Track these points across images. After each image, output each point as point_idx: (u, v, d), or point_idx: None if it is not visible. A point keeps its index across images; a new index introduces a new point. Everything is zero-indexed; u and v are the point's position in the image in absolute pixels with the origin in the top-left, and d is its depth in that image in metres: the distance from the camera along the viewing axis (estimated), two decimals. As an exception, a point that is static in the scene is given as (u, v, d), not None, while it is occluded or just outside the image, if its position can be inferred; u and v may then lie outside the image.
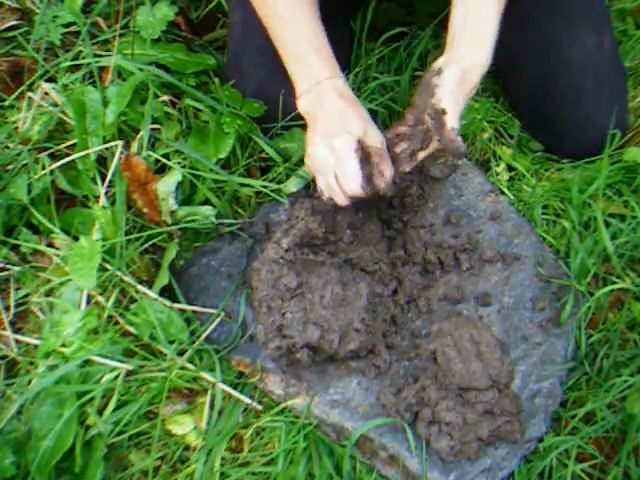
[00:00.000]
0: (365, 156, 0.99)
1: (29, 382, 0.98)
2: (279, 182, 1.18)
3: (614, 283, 1.10)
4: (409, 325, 1.08)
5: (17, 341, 1.03)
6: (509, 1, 1.21)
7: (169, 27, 1.28)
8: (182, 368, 1.00)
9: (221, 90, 1.17)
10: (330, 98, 1.02)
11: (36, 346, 1.01)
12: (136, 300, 1.04)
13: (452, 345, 1.02)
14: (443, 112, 0.96)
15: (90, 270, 0.98)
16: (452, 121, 0.96)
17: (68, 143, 1.13)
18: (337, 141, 0.98)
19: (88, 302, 1.02)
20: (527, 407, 1.01)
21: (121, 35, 1.24)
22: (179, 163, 1.13)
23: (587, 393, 1.04)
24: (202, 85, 1.26)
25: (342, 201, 1.01)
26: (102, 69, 1.19)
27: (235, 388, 1.03)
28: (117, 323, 1.03)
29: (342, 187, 0.99)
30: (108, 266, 1.03)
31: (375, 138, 1.01)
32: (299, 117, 1.16)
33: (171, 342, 1.02)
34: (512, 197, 1.24)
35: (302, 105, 1.05)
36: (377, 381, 1.02)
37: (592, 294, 1.09)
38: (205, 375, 1.02)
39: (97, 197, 1.08)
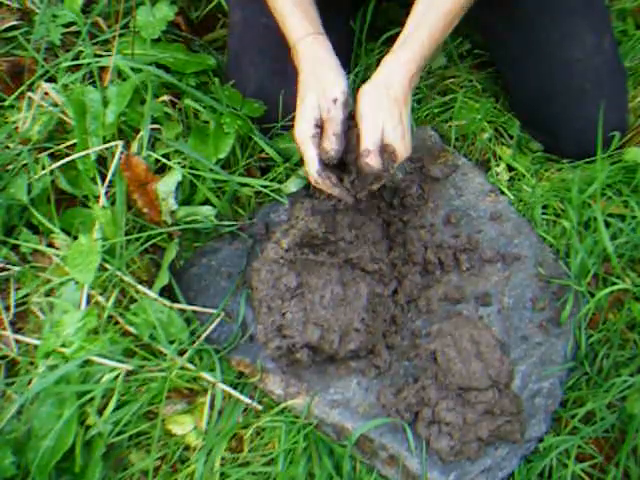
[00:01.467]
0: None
1: (29, 382, 0.97)
2: (279, 182, 1.18)
3: (614, 283, 1.10)
4: (409, 325, 1.08)
5: (17, 341, 1.03)
6: (509, 1, 1.22)
7: (169, 27, 1.28)
8: (182, 368, 1.00)
9: (221, 90, 1.17)
10: (302, 62, 1.03)
11: (36, 346, 1.01)
12: (136, 300, 1.04)
13: (452, 345, 1.02)
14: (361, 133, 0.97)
15: (88, 266, 0.98)
16: (366, 143, 0.96)
17: (68, 143, 1.13)
18: (296, 131, 0.99)
19: (88, 302, 1.02)
20: (527, 407, 1.01)
21: (121, 35, 1.24)
22: (179, 163, 1.13)
23: (587, 393, 1.04)
24: (202, 85, 1.26)
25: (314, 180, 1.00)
26: (102, 69, 1.19)
27: (235, 388, 1.03)
28: (117, 323, 1.03)
29: (306, 172, 1.00)
30: (108, 266, 1.03)
31: (334, 113, 0.99)
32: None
33: (171, 342, 1.02)
34: (512, 197, 1.24)
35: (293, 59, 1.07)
36: (377, 381, 1.02)
37: (592, 294, 1.09)
38: (205, 375, 1.02)
39: (97, 197, 1.08)
